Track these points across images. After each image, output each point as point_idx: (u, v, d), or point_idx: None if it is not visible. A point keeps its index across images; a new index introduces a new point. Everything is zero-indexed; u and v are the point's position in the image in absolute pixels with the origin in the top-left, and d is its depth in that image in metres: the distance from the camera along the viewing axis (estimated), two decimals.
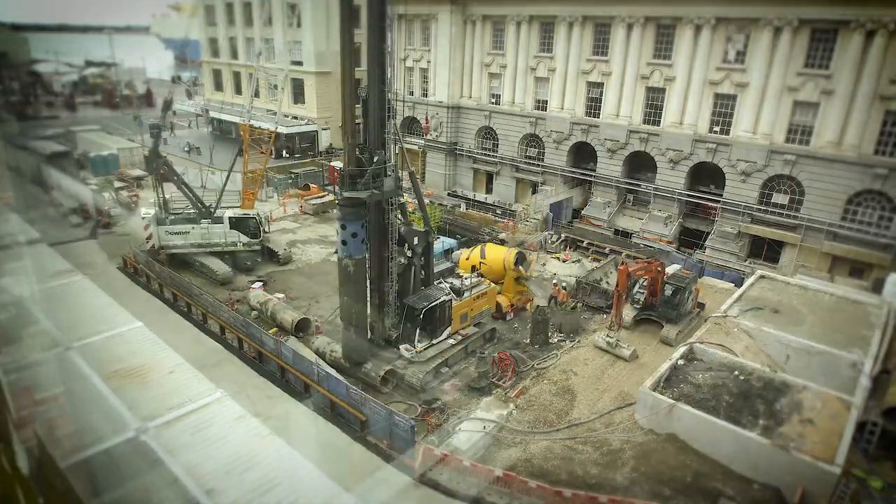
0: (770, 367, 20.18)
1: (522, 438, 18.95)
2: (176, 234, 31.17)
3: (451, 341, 23.72)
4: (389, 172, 21.22)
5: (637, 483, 16.63)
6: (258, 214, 32.77)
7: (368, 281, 22.83)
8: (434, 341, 22.98)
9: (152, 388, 12.43)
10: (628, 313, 26.35)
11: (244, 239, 32.00)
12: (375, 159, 20.50)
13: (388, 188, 21.14)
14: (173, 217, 31.53)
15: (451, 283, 24.51)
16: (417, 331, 22.32)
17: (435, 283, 24.34)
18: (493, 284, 26.24)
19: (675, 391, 19.58)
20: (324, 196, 44.03)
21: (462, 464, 16.88)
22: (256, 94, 63.12)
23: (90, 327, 14.53)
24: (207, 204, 32.10)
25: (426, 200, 35.89)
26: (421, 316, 22.18)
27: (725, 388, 19.64)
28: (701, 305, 28.19)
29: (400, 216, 22.72)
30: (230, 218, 31.74)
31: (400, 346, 22.67)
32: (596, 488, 16.42)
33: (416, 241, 22.74)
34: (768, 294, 26.36)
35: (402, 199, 22.69)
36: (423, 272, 23.71)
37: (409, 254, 23.09)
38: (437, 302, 22.73)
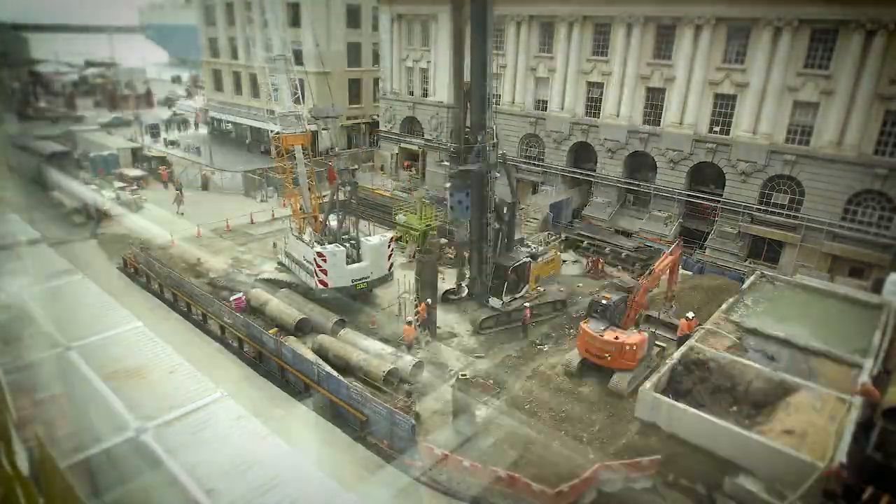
0: (769, 368, 20.18)
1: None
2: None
3: (527, 299, 27.01)
4: (491, 148, 25.31)
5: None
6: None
7: (470, 242, 27.61)
8: (516, 296, 26.44)
9: (152, 388, 12.42)
10: None
11: None
12: (480, 138, 24.70)
13: (491, 161, 25.39)
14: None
15: (528, 248, 28.72)
16: (505, 286, 25.72)
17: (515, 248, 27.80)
18: (558, 253, 29.67)
19: (675, 391, 19.60)
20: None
21: (462, 464, 16.89)
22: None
23: (90, 327, 14.53)
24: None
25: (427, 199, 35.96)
26: (509, 273, 25.67)
27: (725, 389, 19.66)
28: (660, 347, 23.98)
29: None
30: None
31: (490, 300, 26.31)
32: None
33: (505, 210, 26.41)
34: (768, 294, 26.39)
35: (497, 175, 26.18)
36: (506, 238, 27.29)
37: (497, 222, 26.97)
38: (521, 262, 26.34)
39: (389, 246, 27.73)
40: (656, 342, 23.57)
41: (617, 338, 21.16)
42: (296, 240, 28.46)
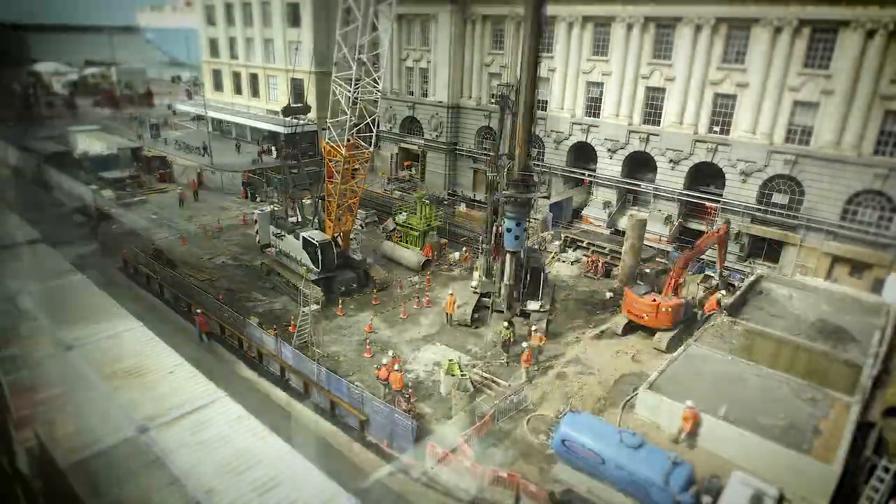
0: (768, 368, 20.18)
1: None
2: (275, 236, 30.52)
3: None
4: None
5: None
6: (332, 240, 28.41)
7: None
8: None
9: (152, 388, 12.43)
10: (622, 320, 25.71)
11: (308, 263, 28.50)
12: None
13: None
14: (280, 220, 30.88)
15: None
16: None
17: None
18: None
19: (676, 391, 19.57)
20: None
21: (462, 464, 16.89)
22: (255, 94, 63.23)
23: (90, 327, 14.54)
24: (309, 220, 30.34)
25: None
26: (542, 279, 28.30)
27: (725, 388, 19.64)
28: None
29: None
30: (303, 238, 28.38)
31: (528, 303, 27.85)
32: None
33: None
34: (767, 294, 26.39)
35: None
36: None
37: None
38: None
39: None
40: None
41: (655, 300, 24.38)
42: None
